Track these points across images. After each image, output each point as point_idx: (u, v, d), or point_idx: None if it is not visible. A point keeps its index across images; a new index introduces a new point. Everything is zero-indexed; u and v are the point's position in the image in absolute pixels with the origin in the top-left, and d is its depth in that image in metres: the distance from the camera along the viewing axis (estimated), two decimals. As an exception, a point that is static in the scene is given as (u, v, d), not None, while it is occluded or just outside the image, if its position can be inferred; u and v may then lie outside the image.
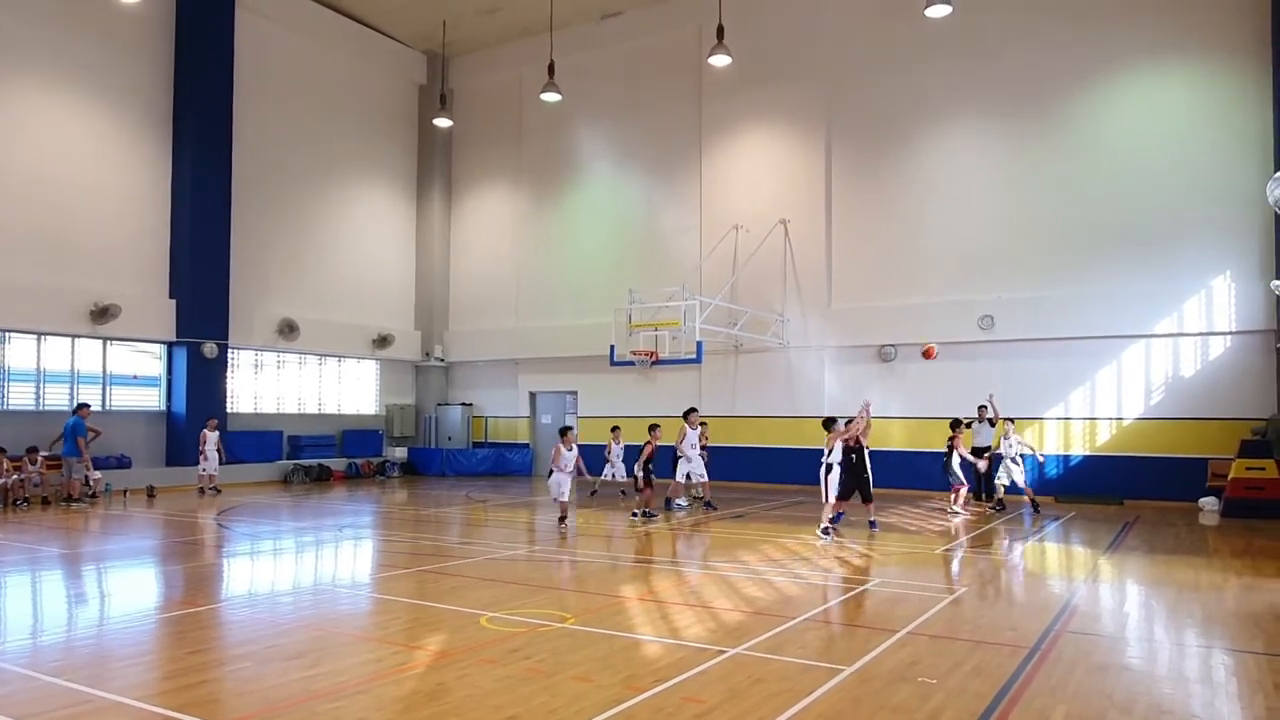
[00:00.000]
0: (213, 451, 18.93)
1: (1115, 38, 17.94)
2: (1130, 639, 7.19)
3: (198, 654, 6.56)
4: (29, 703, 5.32)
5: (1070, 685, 5.70)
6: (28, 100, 17.93)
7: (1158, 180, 17.43)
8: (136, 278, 19.60)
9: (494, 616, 7.52)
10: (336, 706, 5.22)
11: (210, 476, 18.90)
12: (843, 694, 5.48)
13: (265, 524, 14.51)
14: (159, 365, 20.48)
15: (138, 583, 9.87)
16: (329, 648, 6.65)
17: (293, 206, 23.04)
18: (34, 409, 18.20)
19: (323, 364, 24.36)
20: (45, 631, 7.50)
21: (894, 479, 19.52)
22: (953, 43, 19.32)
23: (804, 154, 20.98)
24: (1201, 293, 17.01)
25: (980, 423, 17.15)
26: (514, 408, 24.93)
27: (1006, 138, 18.94)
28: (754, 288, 20.87)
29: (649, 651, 6.49)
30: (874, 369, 20.07)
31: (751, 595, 8.58)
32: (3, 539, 12.50)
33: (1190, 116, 17.32)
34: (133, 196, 19.65)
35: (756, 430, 21.06)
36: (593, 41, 23.87)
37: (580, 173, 24.41)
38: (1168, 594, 8.99)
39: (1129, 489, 17.38)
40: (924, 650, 6.48)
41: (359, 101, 24.88)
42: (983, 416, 17.16)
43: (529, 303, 24.98)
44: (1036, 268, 18.39)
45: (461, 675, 5.84)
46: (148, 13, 19.74)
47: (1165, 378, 17.46)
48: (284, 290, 22.70)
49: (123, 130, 19.53)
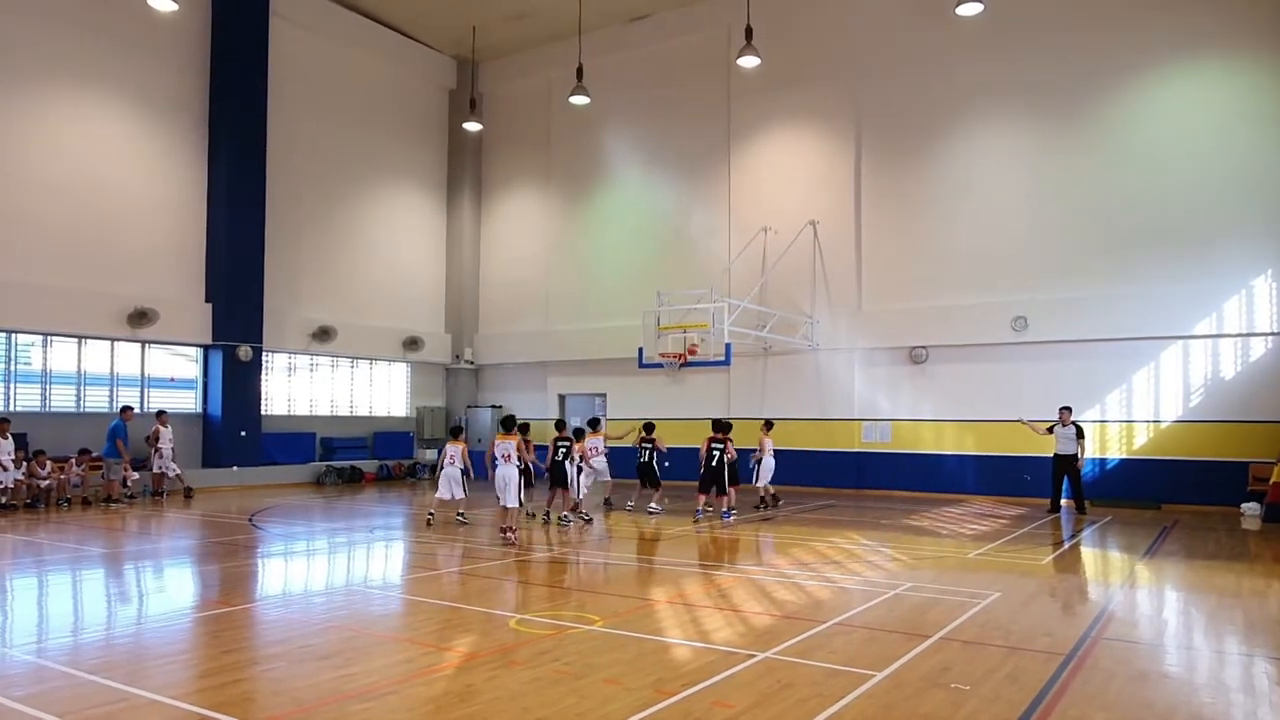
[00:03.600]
0: (168, 448, 17.98)
1: (1149, 33, 17.62)
2: (1169, 646, 7.06)
3: (232, 653, 6.65)
4: (69, 699, 5.42)
5: (1108, 693, 5.60)
6: (67, 110, 18.32)
7: (1195, 178, 17.09)
8: (173, 282, 19.94)
9: (523, 619, 7.55)
10: (367, 707, 5.26)
11: (178, 476, 18.18)
12: (874, 699, 5.42)
13: (298, 525, 14.68)
14: (195, 368, 20.82)
15: (174, 582, 10.02)
16: (360, 648, 6.71)
17: (325, 211, 23.33)
18: (75, 411, 18.58)
19: (354, 367, 24.62)
20: (85, 630, 7.64)
21: (926, 482, 19.40)
22: (983, 41, 19.11)
23: (833, 155, 20.85)
24: (1241, 292, 16.64)
25: (1064, 427, 16.02)
26: (543, 410, 25.00)
27: (1038, 136, 18.67)
28: (783, 290, 20.77)
29: (678, 655, 6.48)
30: (904, 371, 19.89)
31: (781, 599, 8.53)
32: (45, 539, 12.77)
33: (1226, 112, 16.96)
34: (170, 202, 20.00)
35: (785, 433, 20.92)
36: (621, 44, 23.92)
37: (609, 176, 24.46)
38: (1208, 600, 8.80)
39: (1167, 493, 17.05)
40: (957, 656, 6.40)
41: (390, 107, 25.13)
42: (1065, 420, 16.03)
43: (558, 306, 25.06)
44: (1070, 268, 18.11)
45: (491, 677, 5.86)
46: (184, 23, 20.09)
47: (1204, 379, 17.11)
48: (316, 293, 22.98)
49: (160, 138, 19.89)
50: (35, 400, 18.17)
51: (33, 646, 6.87)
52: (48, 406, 18.26)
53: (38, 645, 6.93)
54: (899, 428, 19.93)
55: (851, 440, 20.39)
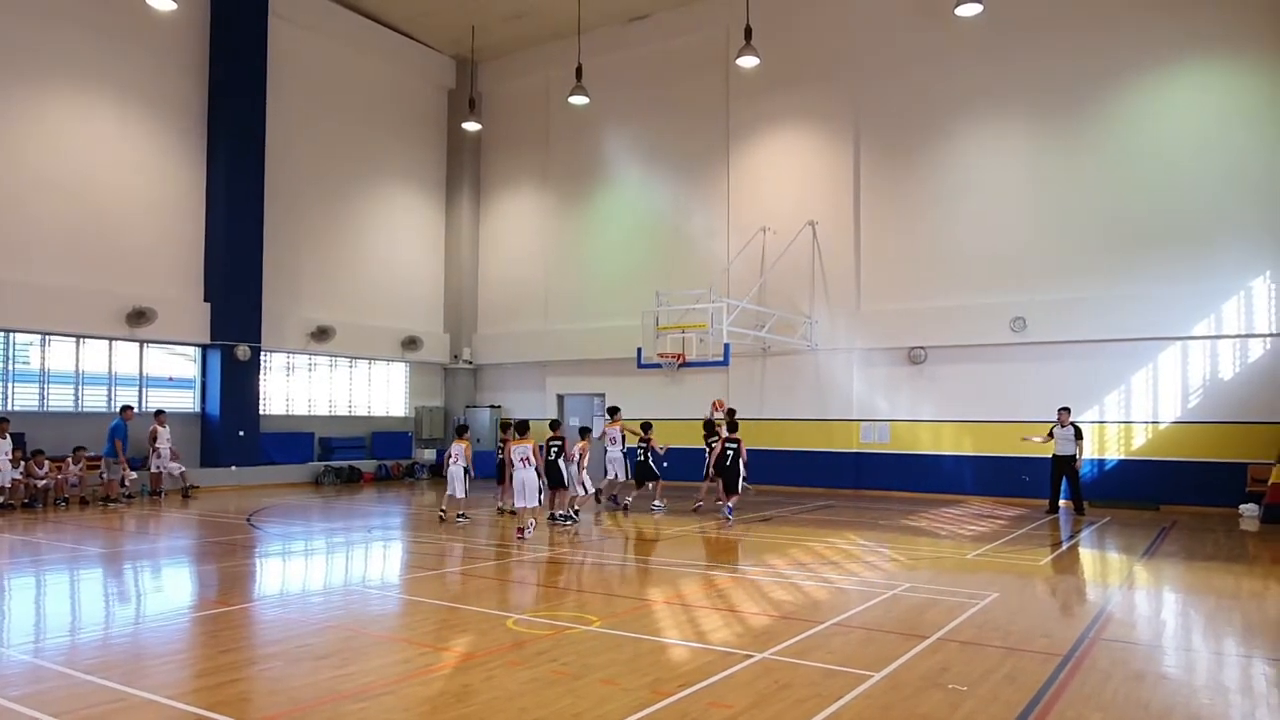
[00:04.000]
0: (166, 447, 17.99)
1: (1149, 33, 17.62)
2: (1167, 647, 7.05)
3: (229, 653, 6.64)
4: (65, 699, 5.41)
5: (1105, 694, 5.60)
6: (65, 108, 18.30)
7: (1194, 179, 17.09)
8: (172, 282, 19.92)
9: (520, 619, 7.54)
10: (363, 707, 5.25)
11: (181, 475, 18.21)
12: (871, 700, 5.42)
13: (296, 525, 14.67)
14: (194, 368, 20.80)
15: (172, 582, 10.01)
16: (357, 648, 6.70)
17: (324, 210, 23.31)
18: (73, 411, 18.56)
19: (353, 366, 24.60)
20: (81, 629, 7.63)
21: (924, 483, 19.40)
22: (982, 41, 19.11)
23: (832, 155, 20.85)
24: (1240, 293, 16.64)
25: (1063, 428, 15.97)
26: (542, 410, 24.98)
27: (1038, 136, 18.68)
28: (782, 290, 20.77)
29: (675, 655, 6.47)
30: (903, 371, 19.88)
31: (779, 599, 8.53)
32: (42, 538, 12.76)
33: (1226, 113, 16.96)
34: (168, 202, 19.98)
35: (783, 433, 20.95)
36: (620, 44, 23.91)
37: (608, 175, 24.45)
38: (1206, 601, 8.80)
39: (1165, 494, 17.05)
40: (954, 656, 6.40)
41: (389, 107, 25.12)
42: (1064, 421, 15.96)
43: (557, 305, 25.05)
44: (1069, 269, 18.11)
45: (488, 677, 5.86)
46: (184, 22, 20.07)
47: (1203, 380, 17.12)
48: (315, 293, 22.97)
49: (158, 137, 19.87)
50: (33, 400, 18.15)
51: (29, 646, 6.86)
52: (46, 406, 18.24)
53: (34, 645, 6.92)
54: (897, 428, 19.94)
55: (850, 441, 20.38)
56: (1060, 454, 16.05)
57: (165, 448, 18.04)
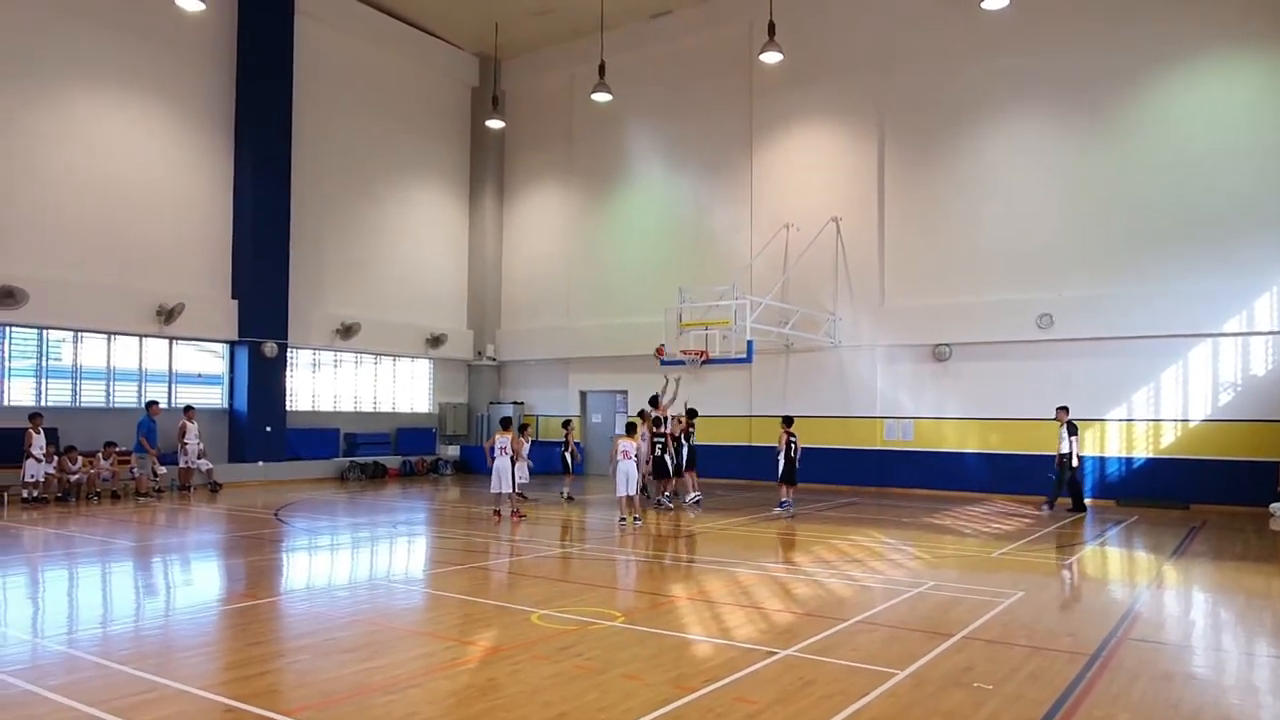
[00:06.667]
0: (195, 444, 18.26)
1: (1177, 26, 17.36)
2: (1196, 647, 6.98)
3: (258, 645, 6.74)
4: (100, 689, 5.52)
5: (1133, 694, 5.55)
6: (95, 108, 18.57)
7: (1224, 173, 16.83)
8: (200, 279, 20.17)
9: (545, 614, 7.59)
10: (390, 700, 5.31)
11: (208, 470, 18.51)
12: (895, 698, 5.41)
13: (323, 520, 14.82)
14: (221, 364, 21.07)
15: (201, 575, 10.17)
16: (384, 642, 6.78)
17: (349, 207, 23.51)
18: (104, 406, 18.86)
19: (378, 363, 24.80)
20: (115, 621, 7.77)
21: (949, 481, 19.26)
22: (1008, 35, 18.91)
23: (856, 151, 20.73)
24: (1273, 289, 16.37)
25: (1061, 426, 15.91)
26: (565, 407, 25.07)
27: (1064, 131, 18.46)
28: (805, 286, 20.70)
29: (699, 651, 6.49)
30: (928, 368, 19.75)
31: (803, 596, 8.52)
32: (75, 532, 12.99)
33: (1257, 106, 16.67)
34: (196, 200, 20.23)
35: (807, 430, 20.83)
36: (643, 41, 23.90)
37: (630, 172, 24.46)
38: (1236, 601, 8.70)
39: (1195, 493, 16.83)
40: (979, 655, 6.37)
41: (413, 104, 25.27)
42: (1063, 419, 15.93)
43: (580, 302, 25.11)
44: (1097, 265, 17.90)
45: (512, 671, 5.91)
46: (211, 21, 20.29)
47: (1234, 378, 16.87)
48: (340, 290, 23.18)
49: (186, 136, 20.12)
50: (66, 395, 18.46)
51: (64, 637, 7.00)
52: (78, 402, 18.54)
53: (69, 636, 7.06)
54: (921, 426, 19.81)
55: (874, 438, 20.28)
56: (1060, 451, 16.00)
57: (194, 443, 18.29)
